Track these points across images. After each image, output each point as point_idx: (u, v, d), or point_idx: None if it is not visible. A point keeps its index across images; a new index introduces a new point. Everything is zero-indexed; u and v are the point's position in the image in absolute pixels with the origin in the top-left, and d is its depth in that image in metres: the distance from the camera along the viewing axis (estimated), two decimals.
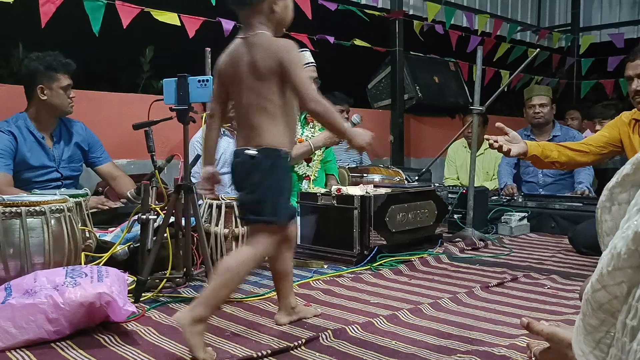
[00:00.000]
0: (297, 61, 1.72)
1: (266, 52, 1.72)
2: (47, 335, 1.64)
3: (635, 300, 0.61)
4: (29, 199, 2.05)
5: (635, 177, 0.76)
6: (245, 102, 1.74)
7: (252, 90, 1.73)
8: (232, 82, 1.78)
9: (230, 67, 1.78)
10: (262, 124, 1.72)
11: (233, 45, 1.80)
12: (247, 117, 1.74)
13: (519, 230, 3.85)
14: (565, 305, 2.14)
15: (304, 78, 1.71)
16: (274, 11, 1.77)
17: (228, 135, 4.20)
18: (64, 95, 3.12)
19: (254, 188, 1.72)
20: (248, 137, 1.74)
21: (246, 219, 1.82)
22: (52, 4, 3.49)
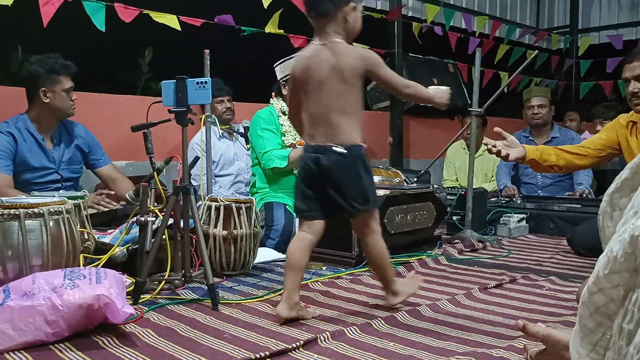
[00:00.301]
0: (380, 62, 1.99)
1: (352, 58, 1.95)
2: (45, 337, 1.64)
3: (631, 304, 0.61)
4: (28, 200, 2.04)
5: (634, 181, 0.76)
6: (325, 103, 1.95)
7: (334, 93, 1.94)
8: (308, 85, 1.98)
9: (307, 71, 1.97)
10: (343, 123, 1.95)
11: (310, 51, 2.00)
12: (327, 117, 1.95)
13: (518, 231, 3.85)
14: (564, 307, 2.15)
15: (391, 72, 2.02)
16: (347, 21, 1.99)
17: (227, 137, 4.20)
18: (67, 97, 3.13)
19: (354, 182, 1.98)
20: (329, 135, 1.96)
21: (356, 211, 2.01)
22: (51, 5, 3.49)
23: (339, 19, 1.98)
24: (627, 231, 0.63)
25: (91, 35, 3.71)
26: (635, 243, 0.60)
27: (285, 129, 3.44)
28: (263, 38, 4.64)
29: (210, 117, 3.32)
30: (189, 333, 1.79)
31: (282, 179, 3.48)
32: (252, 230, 2.68)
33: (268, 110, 3.50)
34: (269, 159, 3.37)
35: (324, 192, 2.01)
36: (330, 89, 1.95)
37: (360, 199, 1.99)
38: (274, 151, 3.37)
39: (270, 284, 2.49)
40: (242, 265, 2.67)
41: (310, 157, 1.99)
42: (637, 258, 0.61)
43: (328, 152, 1.95)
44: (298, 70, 2.01)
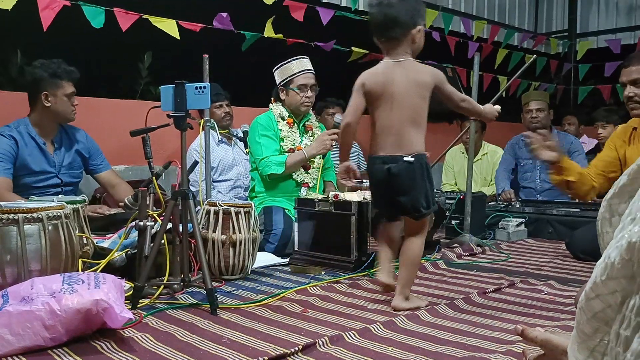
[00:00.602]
0: (445, 79, 2.22)
1: (424, 74, 2.18)
2: (43, 342, 1.64)
3: (629, 310, 0.61)
4: (26, 205, 2.05)
5: (632, 187, 0.76)
6: (397, 115, 2.16)
7: (407, 106, 2.16)
8: (380, 99, 2.18)
9: (381, 86, 2.17)
10: (411, 134, 2.17)
11: (382, 67, 2.21)
12: (398, 128, 2.16)
13: (517, 235, 3.85)
14: (563, 311, 2.15)
15: (452, 88, 2.26)
16: (414, 41, 2.20)
17: (225, 142, 4.20)
18: (68, 102, 3.14)
19: (420, 188, 2.17)
20: (398, 145, 2.16)
21: (420, 215, 2.19)
22: (51, 10, 3.50)
23: (408, 40, 2.18)
24: (624, 237, 0.63)
25: (91, 40, 3.72)
26: (633, 249, 0.60)
27: (284, 134, 3.44)
28: (262, 42, 4.65)
29: (209, 122, 3.32)
30: (187, 338, 1.79)
31: (281, 184, 3.48)
32: (251, 235, 2.68)
33: (267, 116, 3.49)
34: (266, 165, 3.37)
35: (391, 198, 2.20)
36: (403, 102, 2.15)
37: (425, 203, 2.18)
38: (271, 157, 3.37)
39: (269, 288, 2.48)
40: (241, 269, 2.67)
41: (380, 166, 2.19)
42: (634, 265, 0.61)
43: (398, 161, 2.14)
44: (372, 85, 2.19)
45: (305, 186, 3.46)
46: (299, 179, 3.46)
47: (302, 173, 3.47)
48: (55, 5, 3.49)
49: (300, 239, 3.07)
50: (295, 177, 3.46)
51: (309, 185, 3.47)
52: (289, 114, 3.48)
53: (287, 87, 3.43)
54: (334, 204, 2.93)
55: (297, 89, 3.41)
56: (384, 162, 2.17)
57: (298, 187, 3.46)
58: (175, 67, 4.57)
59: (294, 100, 3.44)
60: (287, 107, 3.48)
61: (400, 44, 2.18)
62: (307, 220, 3.05)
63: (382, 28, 2.17)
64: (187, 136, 2.32)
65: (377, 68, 2.23)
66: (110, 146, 3.83)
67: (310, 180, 3.49)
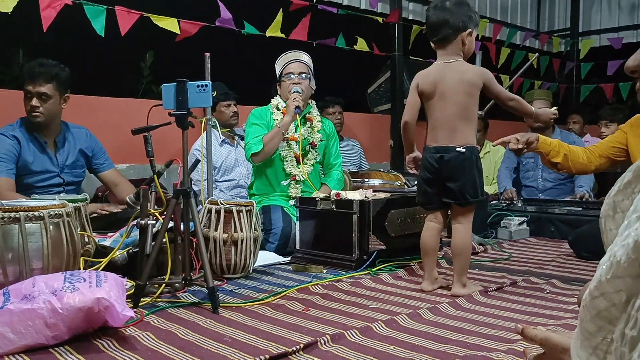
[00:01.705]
0: (493, 78, 2.43)
1: (474, 74, 2.38)
2: (45, 340, 1.64)
3: (635, 310, 0.61)
4: (28, 204, 2.04)
5: (636, 184, 0.76)
6: (449, 111, 2.36)
7: (459, 103, 2.35)
8: (433, 97, 2.39)
9: (433, 85, 2.38)
10: (462, 128, 2.36)
11: (435, 68, 2.42)
12: (450, 122, 2.36)
13: (519, 234, 3.85)
14: (565, 310, 2.14)
15: (500, 87, 2.47)
16: (464, 44, 2.40)
17: (228, 142, 4.19)
18: (26, 102, 3.07)
19: (469, 177, 2.35)
20: (451, 138, 2.36)
21: (466, 201, 2.38)
22: (52, 9, 3.50)
23: (459, 42, 2.39)
24: (630, 236, 0.62)
25: (93, 39, 3.72)
26: (639, 248, 0.60)
27: (277, 123, 3.44)
28: (264, 41, 4.65)
29: (211, 120, 3.32)
30: (189, 336, 1.79)
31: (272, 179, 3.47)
32: (253, 234, 2.68)
33: (263, 108, 3.52)
34: (248, 148, 3.38)
35: (442, 185, 2.39)
36: (455, 99, 2.35)
37: (471, 191, 2.36)
38: (251, 140, 3.38)
39: (271, 287, 2.48)
40: (242, 268, 2.67)
41: (433, 156, 2.39)
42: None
43: (451, 151, 2.35)
44: (425, 84, 2.40)
45: (292, 179, 3.46)
46: (287, 170, 3.46)
47: (293, 165, 3.46)
48: (57, 4, 3.49)
49: (301, 237, 3.07)
50: (286, 167, 3.45)
51: (295, 179, 3.46)
52: (284, 104, 3.48)
53: (281, 78, 3.48)
54: (336, 202, 2.93)
55: (284, 78, 3.46)
56: (437, 151, 2.38)
57: (285, 177, 3.46)
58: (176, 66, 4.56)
59: (284, 89, 3.48)
60: (282, 98, 3.50)
61: (450, 45, 2.39)
62: (309, 219, 3.05)
63: (435, 29, 2.40)
64: (189, 136, 2.32)
65: (430, 69, 2.44)
66: (112, 145, 3.83)
67: (299, 174, 3.46)
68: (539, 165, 4.58)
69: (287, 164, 3.45)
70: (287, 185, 3.46)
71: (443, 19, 2.36)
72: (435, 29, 2.40)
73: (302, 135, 3.44)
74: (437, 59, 2.44)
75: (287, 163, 3.45)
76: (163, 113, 2.25)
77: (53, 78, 3.06)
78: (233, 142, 4.23)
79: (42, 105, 3.05)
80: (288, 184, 3.46)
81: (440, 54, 2.43)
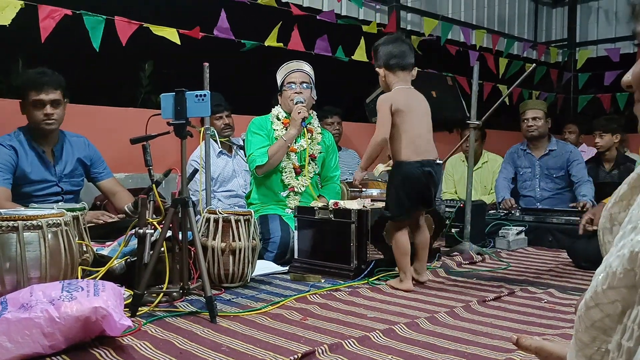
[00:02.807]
0: None
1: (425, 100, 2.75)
2: (42, 349, 1.63)
3: (631, 321, 0.61)
4: (26, 213, 2.04)
5: (632, 196, 0.76)
6: (425, 128, 2.69)
7: (428, 121, 2.71)
8: (406, 115, 2.62)
9: (407, 106, 2.63)
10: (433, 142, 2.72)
11: (403, 92, 2.68)
12: (427, 137, 2.68)
13: (517, 244, 3.85)
14: (563, 320, 2.14)
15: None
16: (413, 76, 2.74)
17: (225, 153, 4.18)
18: (35, 111, 3.05)
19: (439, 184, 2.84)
20: (430, 151, 2.67)
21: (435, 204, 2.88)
22: (52, 19, 3.51)
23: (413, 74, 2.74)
24: (626, 246, 0.62)
25: (92, 49, 3.73)
26: (635, 259, 0.60)
27: (277, 133, 3.44)
28: (263, 51, 4.67)
29: (209, 130, 3.33)
30: (186, 346, 1.79)
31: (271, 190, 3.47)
32: (251, 243, 2.68)
33: (263, 117, 3.53)
34: (252, 160, 3.39)
35: (426, 194, 2.67)
36: (426, 118, 2.70)
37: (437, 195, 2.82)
38: (255, 151, 3.39)
39: (269, 296, 2.48)
40: (240, 277, 2.67)
41: (421, 169, 2.62)
42: (636, 275, 0.60)
43: (433, 163, 2.66)
44: (399, 104, 2.62)
45: (290, 190, 3.46)
46: (286, 181, 3.46)
47: (292, 176, 3.46)
48: (56, 15, 3.51)
49: (300, 247, 3.07)
50: (285, 178, 3.45)
51: (294, 190, 3.46)
52: (285, 114, 3.49)
53: (282, 88, 3.49)
54: (334, 212, 2.93)
55: (285, 87, 3.46)
56: (422, 165, 2.62)
57: (284, 188, 3.46)
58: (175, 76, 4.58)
59: (285, 98, 3.48)
60: (283, 108, 3.51)
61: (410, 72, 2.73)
62: (307, 228, 3.05)
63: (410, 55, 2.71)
64: (187, 145, 2.32)
65: (398, 92, 2.67)
66: (111, 154, 3.83)
67: (298, 185, 3.47)
68: (536, 175, 4.59)
69: (286, 174, 3.45)
70: (286, 196, 3.46)
71: (410, 48, 2.73)
72: (409, 55, 2.71)
73: (302, 147, 3.45)
74: (399, 85, 2.69)
75: (286, 174, 3.45)
76: (162, 122, 2.26)
77: (60, 85, 3.10)
78: (230, 152, 4.22)
79: (54, 112, 3.08)
80: (287, 195, 3.46)
81: (402, 79, 2.70)
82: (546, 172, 4.56)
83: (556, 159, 4.54)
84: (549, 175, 4.56)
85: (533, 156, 4.60)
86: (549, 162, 4.56)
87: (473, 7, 6.84)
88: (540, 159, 4.58)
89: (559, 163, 4.53)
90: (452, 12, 6.59)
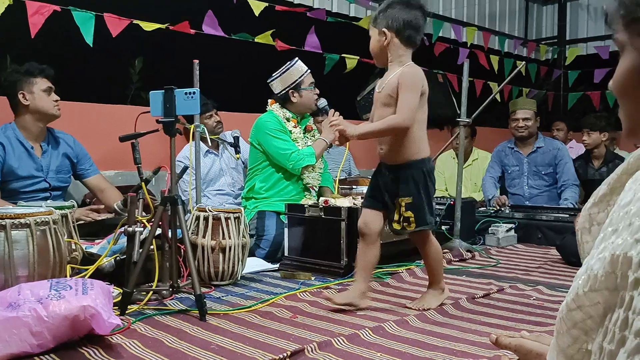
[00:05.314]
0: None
1: None
2: (30, 349, 1.63)
3: (612, 323, 0.62)
4: (14, 211, 2.03)
5: (611, 197, 0.77)
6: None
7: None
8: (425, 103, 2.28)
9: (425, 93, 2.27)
10: None
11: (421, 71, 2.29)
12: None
13: (506, 241, 3.87)
14: (551, 317, 2.16)
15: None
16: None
17: (212, 152, 4.16)
18: (46, 97, 3.13)
19: None
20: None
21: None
22: (40, 15, 3.48)
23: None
24: (607, 249, 0.63)
25: (81, 45, 3.71)
26: (616, 262, 0.61)
27: (295, 135, 3.45)
28: (253, 48, 4.65)
29: (199, 127, 3.32)
30: (176, 344, 1.79)
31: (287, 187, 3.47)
32: (241, 240, 2.67)
33: (273, 117, 3.48)
34: (300, 159, 3.38)
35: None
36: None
37: None
38: (301, 150, 3.40)
39: (259, 294, 2.48)
40: (230, 275, 2.66)
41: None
42: (617, 277, 0.61)
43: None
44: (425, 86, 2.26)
45: (312, 189, 3.48)
46: (305, 181, 3.47)
47: (311, 176, 3.48)
48: (45, 11, 3.48)
49: (290, 244, 3.07)
50: (304, 177, 3.46)
51: (314, 188, 3.49)
52: (292, 115, 3.49)
53: (299, 89, 3.44)
54: (324, 209, 2.94)
55: (309, 87, 3.46)
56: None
57: (307, 190, 3.47)
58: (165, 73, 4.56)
59: (308, 99, 3.47)
60: (299, 108, 3.49)
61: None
62: (297, 226, 3.05)
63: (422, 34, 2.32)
64: (176, 144, 2.32)
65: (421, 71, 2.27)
66: (100, 151, 3.81)
67: (313, 182, 3.49)
68: (524, 173, 4.62)
69: (307, 174, 3.46)
70: (301, 192, 3.46)
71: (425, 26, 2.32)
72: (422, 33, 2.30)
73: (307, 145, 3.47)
74: (409, 62, 2.29)
75: (308, 174, 3.46)
76: (151, 119, 2.25)
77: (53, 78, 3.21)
78: (217, 151, 4.19)
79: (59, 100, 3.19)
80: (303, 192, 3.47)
81: (409, 57, 2.30)
82: (534, 169, 4.59)
83: (544, 156, 4.57)
84: (537, 173, 4.58)
85: (521, 154, 4.63)
86: (537, 159, 4.58)
87: (464, 4, 6.85)
88: (528, 156, 4.60)
89: (547, 160, 4.55)
90: (443, 9, 6.61)
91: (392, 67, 2.27)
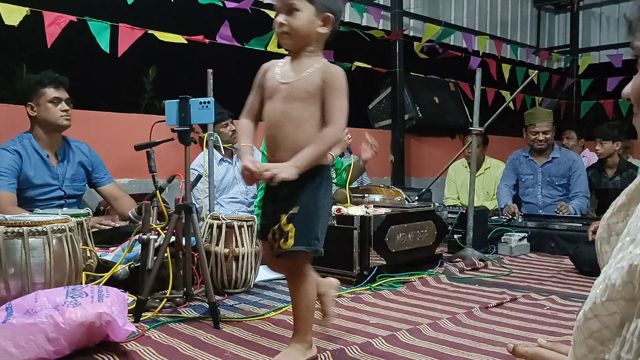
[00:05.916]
0: None
1: None
2: (46, 355, 1.64)
3: (630, 333, 0.62)
4: (31, 218, 2.06)
5: (630, 207, 0.77)
6: None
7: None
8: None
9: None
10: None
11: None
12: None
13: (519, 250, 3.85)
14: (564, 326, 2.14)
15: None
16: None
17: (227, 160, 4.18)
18: (53, 108, 3.14)
19: None
20: None
21: None
22: (57, 25, 3.54)
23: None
24: (624, 259, 0.63)
25: (96, 54, 3.76)
26: (634, 273, 0.61)
27: None
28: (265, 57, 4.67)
29: (213, 136, 3.34)
30: (190, 351, 1.80)
31: None
32: (254, 248, 2.68)
33: None
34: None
35: None
36: None
37: None
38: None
39: (272, 302, 2.49)
40: (243, 283, 2.67)
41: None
42: (635, 288, 0.61)
43: None
44: None
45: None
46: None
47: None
48: (62, 21, 3.54)
49: None
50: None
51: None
52: None
53: None
54: (337, 218, 2.94)
55: None
56: None
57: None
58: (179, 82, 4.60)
59: None
60: None
61: None
62: None
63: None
64: (190, 151, 2.34)
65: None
66: (115, 159, 3.85)
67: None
68: (538, 182, 4.60)
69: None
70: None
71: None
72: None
73: None
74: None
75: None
76: (166, 128, 2.28)
77: (67, 86, 3.23)
78: (231, 159, 4.23)
79: (69, 109, 3.20)
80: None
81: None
82: (548, 179, 4.56)
83: (559, 167, 4.55)
84: (551, 183, 4.56)
85: (535, 163, 4.61)
86: (551, 169, 4.56)
87: (475, 13, 6.86)
88: (542, 166, 4.58)
89: (562, 171, 4.53)
90: (455, 18, 6.62)
91: (305, 58, 1.83)
